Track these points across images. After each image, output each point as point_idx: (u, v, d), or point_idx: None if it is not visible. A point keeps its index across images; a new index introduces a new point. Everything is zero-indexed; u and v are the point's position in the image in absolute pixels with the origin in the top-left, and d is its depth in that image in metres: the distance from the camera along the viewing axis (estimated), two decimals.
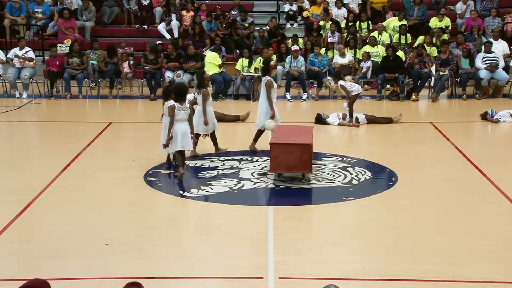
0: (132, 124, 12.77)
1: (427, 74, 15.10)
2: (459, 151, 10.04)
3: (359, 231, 6.70)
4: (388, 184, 8.36)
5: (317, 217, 7.37)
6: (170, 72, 15.36)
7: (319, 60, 15.57)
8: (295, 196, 7.93)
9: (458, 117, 13.69)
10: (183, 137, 8.65)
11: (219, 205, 7.53)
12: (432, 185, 8.33)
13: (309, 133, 8.88)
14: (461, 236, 6.50)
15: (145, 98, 15.32)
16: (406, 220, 7.03)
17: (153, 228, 6.75)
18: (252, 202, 7.77)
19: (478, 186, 8.29)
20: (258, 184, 8.30)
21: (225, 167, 9.10)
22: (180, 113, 8.69)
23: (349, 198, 7.74)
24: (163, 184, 8.32)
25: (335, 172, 8.84)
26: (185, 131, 8.68)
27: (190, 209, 7.45)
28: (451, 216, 7.14)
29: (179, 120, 8.67)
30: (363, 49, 16.12)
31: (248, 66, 15.42)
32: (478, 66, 15.17)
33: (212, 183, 8.33)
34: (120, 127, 12.38)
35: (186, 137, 8.69)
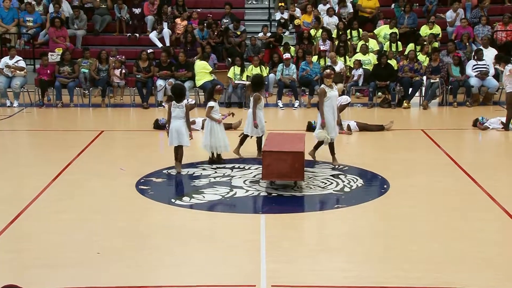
0: (124, 133, 12.74)
1: (418, 82, 15.16)
2: (450, 158, 10.07)
3: (351, 238, 6.69)
4: (380, 192, 8.37)
5: (309, 224, 7.36)
6: (161, 81, 15.34)
7: (311, 68, 15.60)
8: (288, 203, 7.92)
9: (449, 124, 13.74)
10: (178, 133, 9.08)
11: (211, 213, 7.51)
12: (424, 192, 8.35)
13: (301, 141, 8.88)
14: (453, 243, 6.51)
15: (137, 107, 15.30)
16: (398, 227, 7.03)
17: (145, 237, 6.72)
18: (245, 210, 7.75)
19: (469, 193, 8.31)
20: (251, 192, 8.29)
21: (217, 175, 9.09)
22: (176, 111, 9.11)
23: (341, 206, 7.74)
24: (155, 192, 8.29)
25: (327, 179, 8.84)
26: (179, 128, 9.08)
27: (182, 218, 7.42)
28: (442, 223, 7.15)
29: (174, 117, 9.09)
30: (354, 57, 16.18)
31: (240, 74, 15.44)
32: (469, 73, 15.24)
33: (204, 191, 8.31)
34: (111, 136, 12.35)
35: (181, 133, 9.08)
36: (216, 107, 9.67)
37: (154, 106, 15.27)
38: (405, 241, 6.57)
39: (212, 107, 9.61)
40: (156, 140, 11.97)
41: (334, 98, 9.36)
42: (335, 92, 9.41)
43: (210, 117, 9.62)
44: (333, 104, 9.34)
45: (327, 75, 9.32)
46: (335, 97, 9.42)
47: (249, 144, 10.22)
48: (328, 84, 9.31)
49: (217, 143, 9.57)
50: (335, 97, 9.43)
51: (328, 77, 9.30)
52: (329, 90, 9.28)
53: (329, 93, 9.27)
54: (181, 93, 9.24)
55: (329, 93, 9.27)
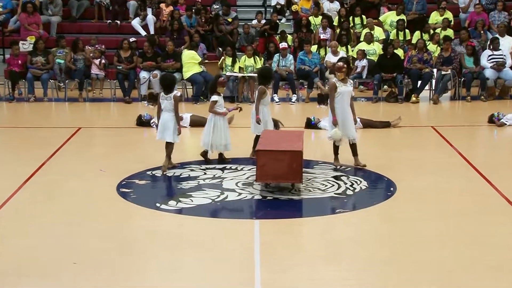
0: (104, 130, 12.76)
1: (428, 74, 15.23)
2: (463, 158, 10.14)
3: (354, 245, 6.75)
4: (386, 195, 8.43)
5: (308, 231, 7.41)
6: (145, 72, 15.37)
7: (310, 59, 15.66)
8: (284, 208, 7.96)
9: (462, 120, 13.81)
10: (164, 127, 9.21)
11: (200, 219, 7.55)
12: (434, 195, 8.41)
13: (299, 139, 8.93)
14: (464, 248, 6.57)
15: (118, 101, 15.32)
16: (405, 233, 7.09)
17: (127, 244, 6.75)
18: (237, 215, 7.80)
19: (483, 195, 8.38)
20: (243, 195, 8.33)
21: (206, 176, 9.13)
22: (164, 103, 9.24)
23: (343, 210, 7.79)
24: (138, 195, 8.32)
25: (328, 181, 8.90)
26: (165, 122, 9.23)
27: (169, 223, 7.46)
28: (453, 228, 7.21)
29: (163, 110, 9.27)
30: (357, 46, 16.24)
31: (231, 65, 15.48)
32: (484, 64, 15.32)
33: (192, 194, 8.35)
34: (90, 133, 12.37)
35: (167, 128, 9.21)
36: (220, 101, 9.70)
37: (137, 101, 15.28)
38: (412, 247, 6.63)
39: (215, 102, 9.65)
40: (140, 138, 12.00)
41: (346, 94, 9.22)
42: (349, 88, 9.26)
43: (214, 112, 9.66)
44: (345, 101, 9.22)
45: (339, 68, 9.22)
46: (348, 93, 9.25)
47: (242, 141, 10.26)
48: (340, 78, 9.22)
49: (216, 141, 9.61)
50: (348, 94, 9.26)
51: (340, 70, 9.21)
52: (341, 85, 9.19)
53: (340, 88, 9.18)
54: (170, 84, 9.35)
55: (340, 88, 9.18)
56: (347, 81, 9.30)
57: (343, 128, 9.26)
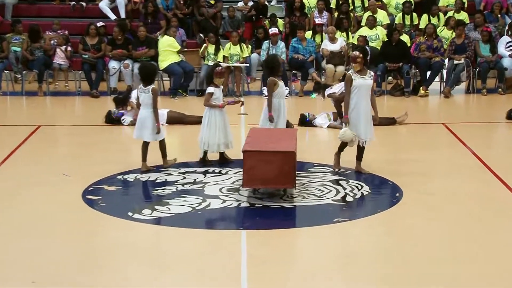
0: (68, 129, 12.72)
1: (439, 64, 15.30)
2: (479, 159, 10.19)
3: (353, 260, 6.76)
4: (391, 201, 8.45)
5: (302, 243, 7.42)
6: (115, 62, 15.36)
7: (304, 47, 15.70)
8: (275, 217, 7.97)
9: (477, 116, 13.89)
10: (142, 124, 9.40)
11: (179, 230, 7.53)
12: (445, 202, 8.44)
13: (291, 138, 8.93)
14: (480, 263, 6.59)
15: (84, 95, 15.28)
16: (412, 245, 7.10)
17: (95, 260, 6.73)
18: (221, 226, 7.79)
19: (502, 202, 8.42)
20: (228, 202, 8.33)
21: (186, 181, 9.12)
22: (142, 96, 9.41)
23: (342, 219, 7.81)
24: (107, 203, 8.30)
25: (325, 186, 8.91)
26: (143, 119, 9.38)
27: (143, 235, 7.44)
28: (468, 239, 7.23)
29: (141, 104, 9.49)
30: (358, 32, 16.29)
31: (215, 54, 15.49)
32: (501, 53, 15.42)
33: (170, 202, 8.34)
34: (51, 132, 12.32)
35: (145, 126, 9.36)
36: (217, 94, 9.71)
37: (105, 95, 15.26)
38: (419, 263, 6.64)
39: (211, 94, 9.66)
40: (109, 137, 11.97)
41: (364, 88, 9.15)
42: (367, 81, 9.17)
43: (210, 105, 9.69)
44: (362, 96, 9.13)
45: (354, 58, 9.17)
46: (367, 87, 9.18)
47: None
48: (356, 70, 9.15)
49: (213, 139, 9.63)
50: (367, 88, 9.18)
51: (355, 61, 9.14)
52: (357, 77, 9.13)
53: (357, 81, 9.11)
54: (150, 74, 9.48)
55: (357, 81, 9.11)
56: (366, 73, 9.19)
57: (355, 127, 9.19)
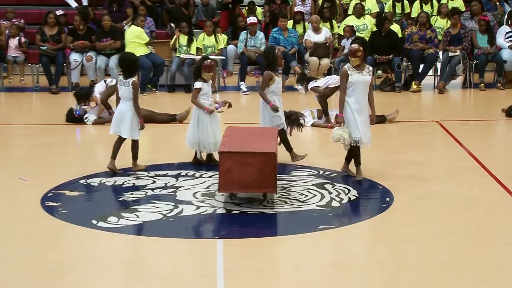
0: (24, 128, 12.65)
1: (432, 56, 15.38)
2: (476, 161, 10.26)
3: (339, 272, 6.78)
4: (381, 207, 8.48)
5: (283, 253, 7.43)
6: (77, 54, 15.31)
7: (285, 38, 15.72)
8: (254, 224, 7.98)
9: (474, 113, 13.97)
10: (120, 119, 9.47)
11: (148, 239, 7.52)
12: (440, 207, 8.48)
13: (272, 137, 8.95)
14: (479, 274, 6.64)
15: (42, 91, 15.20)
16: (405, 254, 7.14)
17: (56, 275, 6.71)
18: (195, 234, 7.79)
19: (501, 207, 8.48)
20: (203, 209, 8.33)
21: (156, 186, 9.11)
22: (122, 89, 9.47)
23: (328, 227, 7.83)
24: (68, 210, 8.27)
25: (308, 191, 8.93)
26: (123, 113, 9.46)
27: (109, 245, 7.42)
28: (465, 249, 7.27)
29: (121, 97, 9.55)
30: (344, 21, 16.34)
31: (187, 46, 15.47)
32: (500, 44, 15.53)
33: (138, 208, 8.33)
34: (6, 132, 12.25)
35: (123, 120, 9.44)
36: (206, 89, 9.72)
37: (66, 90, 15.19)
38: (412, 275, 6.68)
39: (199, 90, 9.67)
40: (71, 138, 11.93)
41: (361, 84, 9.09)
42: (365, 77, 9.13)
43: (197, 104, 9.71)
44: (359, 94, 9.09)
45: (353, 52, 9.09)
46: (364, 84, 9.13)
47: None
48: (354, 64, 9.11)
49: (204, 139, 9.63)
50: (364, 84, 9.13)
51: (355, 54, 9.06)
52: (354, 73, 9.08)
53: (353, 77, 9.06)
54: (131, 66, 9.54)
55: (353, 77, 9.06)
56: (364, 68, 9.16)
57: (352, 128, 9.10)
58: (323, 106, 12.21)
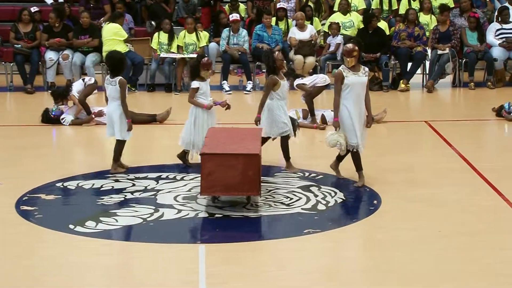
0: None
1: (421, 54, 15.43)
2: (466, 161, 10.29)
3: (328, 275, 6.79)
4: (368, 209, 8.50)
5: (267, 258, 7.42)
6: (52, 53, 15.25)
7: (269, 35, 15.72)
8: (237, 228, 7.97)
9: (464, 113, 14.02)
10: (110, 120, 9.59)
11: (128, 244, 7.51)
12: (429, 210, 8.50)
13: (255, 138, 8.95)
14: (472, 280, 6.66)
15: (17, 91, 15.14)
16: (394, 259, 7.15)
17: (32, 280, 6.68)
18: (176, 239, 7.78)
19: (492, 210, 8.51)
20: (184, 212, 8.32)
21: (136, 189, 9.09)
22: (109, 88, 9.59)
23: (313, 230, 7.84)
24: (44, 215, 8.24)
25: (293, 193, 8.93)
26: (110, 114, 9.56)
27: (86, 251, 7.40)
28: (456, 252, 7.30)
29: (109, 97, 9.63)
30: (330, 18, 16.36)
31: (167, 44, 15.44)
32: (491, 42, 15.58)
33: (117, 212, 8.30)
34: None
35: (113, 122, 9.53)
36: (204, 88, 9.70)
37: (42, 90, 15.13)
38: (402, 279, 6.70)
39: (196, 89, 9.66)
40: (47, 139, 11.88)
41: (358, 86, 8.92)
42: (362, 78, 8.95)
43: (194, 103, 9.71)
44: (354, 96, 8.91)
45: (348, 52, 8.92)
46: (361, 85, 8.95)
47: None
48: (349, 65, 8.93)
49: (200, 140, 9.60)
50: (361, 86, 8.96)
51: (350, 54, 8.89)
52: (349, 74, 8.91)
53: (349, 79, 8.88)
54: (118, 64, 9.56)
55: (349, 79, 8.88)
56: (360, 69, 8.99)
57: (349, 132, 8.94)
58: (309, 106, 12.22)
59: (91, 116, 12.31)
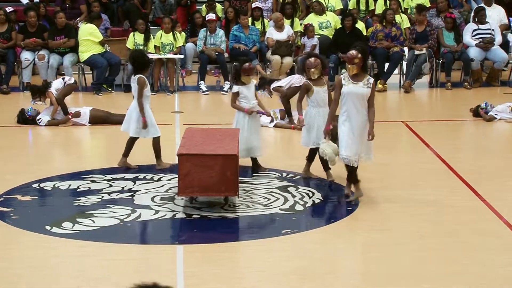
0: None
1: (398, 54, 15.48)
2: (443, 162, 10.34)
3: (306, 276, 6.80)
4: (346, 210, 8.52)
5: (246, 258, 7.44)
6: (28, 53, 15.18)
7: (246, 35, 15.72)
8: (215, 229, 7.97)
9: (441, 113, 14.09)
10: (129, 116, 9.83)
11: (105, 245, 7.49)
12: (407, 211, 8.53)
13: (233, 139, 8.95)
14: (449, 281, 6.70)
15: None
16: (371, 259, 7.18)
17: (7, 282, 6.65)
18: (154, 240, 7.76)
19: (470, 210, 8.55)
20: (162, 213, 8.31)
21: (113, 190, 9.07)
22: (132, 86, 9.84)
23: (291, 231, 7.85)
24: (20, 216, 8.21)
25: (271, 194, 8.95)
26: (130, 111, 9.79)
27: (63, 253, 7.37)
28: (434, 253, 7.33)
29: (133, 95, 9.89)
30: (307, 18, 16.39)
31: (143, 44, 15.40)
32: (467, 42, 15.67)
33: (94, 213, 8.28)
34: None
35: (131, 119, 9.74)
36: (245, 92, 9.64)
37: (17, 90, 15.05)
38: (380, 280, 6.72)
39: (237, 94, 9.64)
40: (23, 140, 11.82)
41: (354, 97, 8.44)
42: (360, 90, 8.44)
43: (235, 107, 9.72)
44: (351, 106, 8.44)
45: (350, 59, 8.46)
46: (358, 96, 8.45)
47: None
48: (351, 73, 8.50)
49: (252, 142, 9.56)
50: (358, 97, 8.46)
51: (352, 61, 8.43)
52: (349, 83, 8.47)
53: (346, 88, 8.46)
54: (141, 63, 9.71)
55: (346, 88, 8.46)
56: (363, 79, 8.48)
57: (348, 146, 8.46)
58: (285, 106, 12.23)
59: (67, 117, 12.24)
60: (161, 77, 15.38)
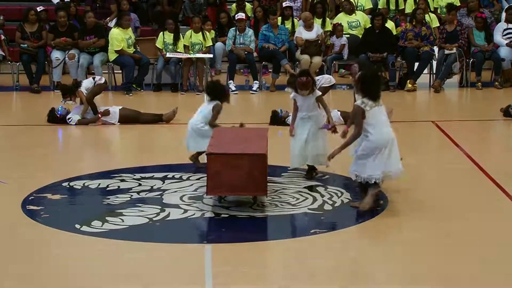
0: (3, 129, 12.61)
1: (428, 54, 15.42)
2: (473, 162, 10.28)
3: (335, 276, 6.79)
4: (375, 210, 8.50)
5: (274, 258, 7.43)
6: (59, 52, 15.28)
7: (276, 35, 15.72)
8: (244, 229, 7.97)
9: (471, 113, 14.00)
10: None
11: (134, 244, 7.51)
12: (437, 212, 8.48)
13: (262, 138, 8.95)
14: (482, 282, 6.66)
15: (23, 90, 15.16)
16: (400, 261, 7.15)
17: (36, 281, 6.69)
18: (182, 239, 7.78)
19: (500, 212, 8.49)
20: (191, 212, 8.33)
21: (142, 188, 9.10)
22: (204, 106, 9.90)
23: (320, 231, 7.84)
24: (51, 214, 8.26)
25: (300, 193, 8.94)
26: None
27: (92, 251, 7.41)
28: (464, 256, 7.28)
29: None
30: (336, 18, 16.36)
31: (173, 44, 15.45)
32: (498, 41, 15.58)
33: (123, 212, 8.32)
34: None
35: None
36: (300, 102, 9.46)
37: (48, 90, 15.16)
38: (409, 279, 6.69)
39: (294, 101, 9.48)
40: (53, 138, 11.90)
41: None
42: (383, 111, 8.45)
43: (292, 117, 9.58)
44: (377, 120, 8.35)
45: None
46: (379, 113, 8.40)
47: None
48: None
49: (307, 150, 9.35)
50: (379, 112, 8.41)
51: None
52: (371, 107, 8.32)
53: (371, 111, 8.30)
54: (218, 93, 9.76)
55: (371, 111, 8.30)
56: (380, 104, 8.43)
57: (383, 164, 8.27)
58: None
59: (97, 116, 12.30)
60: (191, 77, 15.42)
